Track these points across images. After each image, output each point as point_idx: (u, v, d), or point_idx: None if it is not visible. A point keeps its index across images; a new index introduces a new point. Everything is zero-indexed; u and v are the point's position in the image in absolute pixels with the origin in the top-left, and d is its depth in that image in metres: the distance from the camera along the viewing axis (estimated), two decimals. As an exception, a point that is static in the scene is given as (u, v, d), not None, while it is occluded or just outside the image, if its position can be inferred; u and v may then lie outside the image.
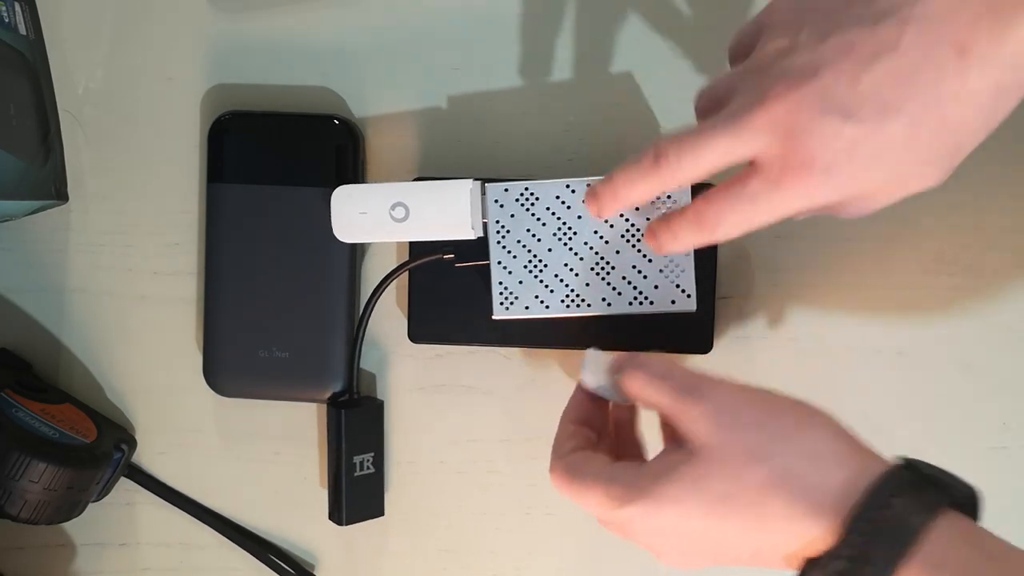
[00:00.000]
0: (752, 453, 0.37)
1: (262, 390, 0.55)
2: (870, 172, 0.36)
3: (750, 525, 0.36)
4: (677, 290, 0.48)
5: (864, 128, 0.35)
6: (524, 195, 0.49)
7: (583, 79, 0.53)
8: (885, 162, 0.36)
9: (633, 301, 0.48)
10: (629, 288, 0.49)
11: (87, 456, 0.52)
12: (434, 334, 0.54)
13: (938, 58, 0.34)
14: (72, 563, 0.58)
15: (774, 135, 0.36)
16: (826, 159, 0.36)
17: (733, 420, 0.38)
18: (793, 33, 0.37)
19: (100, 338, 0.57)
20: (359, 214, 0.50)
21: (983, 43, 0.33)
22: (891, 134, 0.35)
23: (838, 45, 0.35)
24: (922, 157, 0.36)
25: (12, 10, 0.52)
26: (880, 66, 0.34)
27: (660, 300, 0.48)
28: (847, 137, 0.35)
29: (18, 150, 0.52)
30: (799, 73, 0.36)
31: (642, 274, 0.49)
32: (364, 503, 0.55)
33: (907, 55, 0.34)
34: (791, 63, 0.36)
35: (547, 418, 0.55)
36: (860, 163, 0.36)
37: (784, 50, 0.37)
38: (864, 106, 0.35)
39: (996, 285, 0.52)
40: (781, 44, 0.37)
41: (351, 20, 0.54)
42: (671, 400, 0.40)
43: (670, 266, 0.48)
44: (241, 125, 0.54)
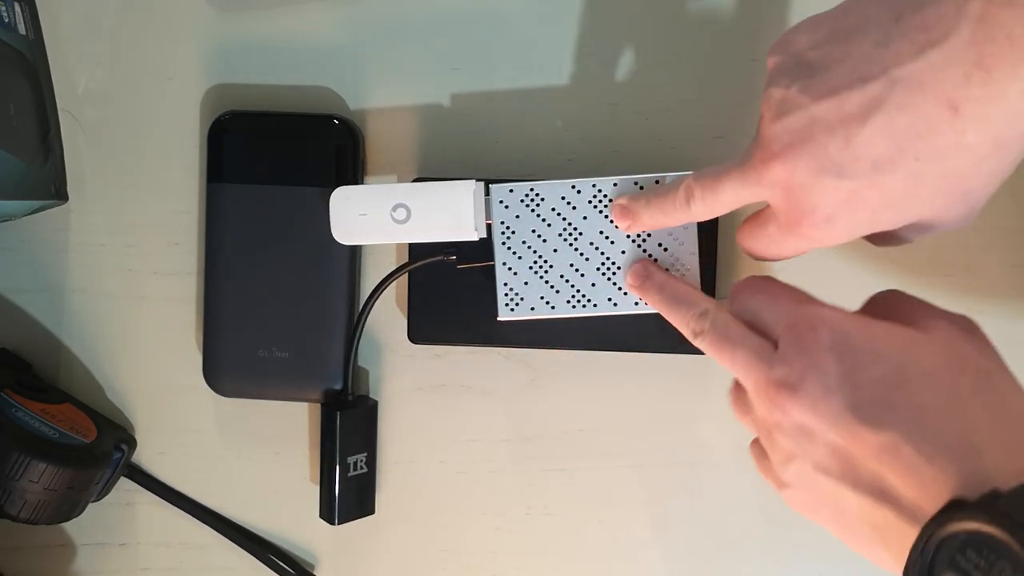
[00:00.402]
0: (980, 372, 0.36)
1: (262, 390, 0.55)
2: (880, 218, 0.38)
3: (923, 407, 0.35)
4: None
5: (861, 182, 0.36)
6: (529, 196, 0.49)
7: (583, 79, 0.53)
8: (895, 210, 0.37)
9: (639, 301, 0.48)
10: None
11: (87, 456, 0.52)
12: (434, 334, 0.54)
13: (930, 116, 0.34)
14: (72, 563, 0.58)
15: (776, 190, 0.39)
16: (827, 211, 0.38)
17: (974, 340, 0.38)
18: (786, 84, 0.38)
19: (100, 338, 0.57)
20: (359, 216, 0.50)
21: (975, 101, 0.33)
22: (891, 187, 0.36)
23: (830, 105, 0.36)
24: (934, 205, 0.37)
25: (12, 10, 0.52)
26: (871, 124, 0.35)
27: None
28: (845, 190, 0.37)
29: (18, 150, 0.52)
30: (797, 131, 0.37)
31: None
32: (356, 502, 0.55)
33: (899, 114, 0.35)
34: (789, 121, 0.37)
35: (547, 418, 0.55)
36: (865, 213, 0.37)
37: (778, 103, 0.38)
38: (858, 163, 0.36)
39: (995, 285, 0.53)
40: (776, 95, 0.38)
41: (351, 20, 0.54)
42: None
43: (675, 266, 0.48)
44: (241, 125, 0.54)
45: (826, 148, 0.36)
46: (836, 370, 0.36)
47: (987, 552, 0.31)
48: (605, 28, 0.53)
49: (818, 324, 0.38)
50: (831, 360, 0.37)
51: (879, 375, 0.36)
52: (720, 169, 0.42)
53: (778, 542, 0.55)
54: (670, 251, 0.48)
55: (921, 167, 0.35)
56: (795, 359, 0.38)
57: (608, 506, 0.56)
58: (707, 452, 0.55)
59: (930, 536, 0.32)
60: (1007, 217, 0.52)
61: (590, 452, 0.55)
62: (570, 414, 0.55)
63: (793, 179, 0.38)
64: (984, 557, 0.31)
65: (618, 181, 0.48)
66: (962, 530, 0.32)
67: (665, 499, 0.55)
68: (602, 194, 0.48)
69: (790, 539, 0.55)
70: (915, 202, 0.37)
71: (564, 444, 0.55)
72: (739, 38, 0.52)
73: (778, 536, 0.55)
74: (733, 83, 0.53)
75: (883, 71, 0.35)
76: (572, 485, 0.56)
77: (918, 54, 0.34)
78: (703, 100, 0.53)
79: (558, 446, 0.55)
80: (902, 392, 0.35)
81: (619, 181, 0.48)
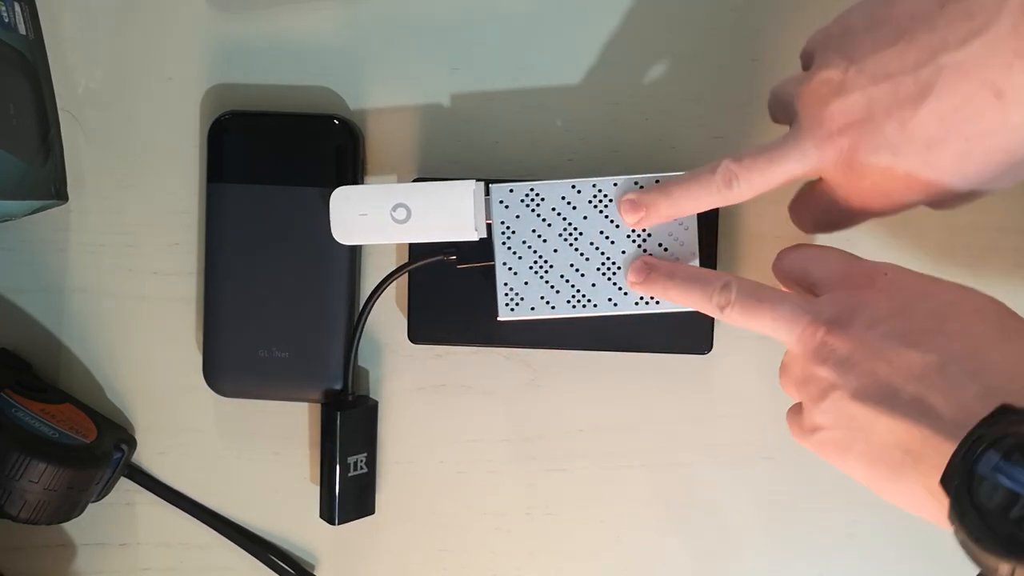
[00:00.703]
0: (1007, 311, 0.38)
1: (262, 390, 0.55)
2: (931, 191, 0.40)
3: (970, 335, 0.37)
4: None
5: (914, 161, 0.38)
6: (529, 196, 0.49)
7: (583, 79, 0.53)
8: (944, 183, 0.39)
9: (639, 301, 0.48)
10: None
11: (87, 456, 0.52)
12: (434, 334, 0.54)
13: (976, 100, 0.36)
14: (72, 563, 0.58)
15: (837, 168, 0.41)
16: (884, 187, 0.40)
17: None
18: (844, 66, 0.39)
19: (100, 338, 0.57)
20: (359, 216, 0.50)
21: (1018, 88, 0.35)
22: (941, 165, 0.38)
23: (887, 89, 0.38)
24: (982, 176, 0.39)
25: (12, 10, 0.52)
26: (924, 108, 0.37)
27: None
28: (901, 169, 0.39)
29: (18, 150, 0.52)
30: (857, 110, 0.39)
31: None
32: (356, 503, 0.55)
33: (948, 99, 0.37)
34: (848, 100, 0.39)
35: (547, 418, 0.55)
36: (918, 187, 0.39)
37: (837, 85, 0.39)
38: (912, 144, 0.38)
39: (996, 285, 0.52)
40: (834, 76, 0.40)
41: (351, 20, 0.54)
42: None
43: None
44: (241, 125, 0.54)
45: (883, 129, 0.38)
46: (887, 305, 0.39)
47: None
48: (605, 28, 0.53)
49: (873, 272, 0.40)
50: (882, 298, 0.39)
51: (931, 308, 0.38)
52: (769, 148, 0.42)
53: (778, 542, 0.55)
54: (670, 251, 0.48)
55: (970, 146, 0.37)
56: (845, 300, 0.40)
57: (608, 506, 0.56)
58: (707, 452, 0.55)
59: (977, 439, 0.33)
60: (1009, 218, 0.52)
61: (590, 452, 0.55)
62: (570, 414, 0.55)
63: (855, 157, 0.40)
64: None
65: (618, 181, 0.48)
66: (1013, 432, 0.32)
67: (665, 499, 0.55)
68: (602, 194, 0.48)
69: (790, 538, 0.55)
70: (966, 176, 0.38)
71: (564, 444, 0.55)
72: (739, 38, 0.52)
73: (778, 536, 0.55)
74: (733, 83, 0.53)
75: (931, 57, 0.37)
76: (572, 485, 0.56)
77: (962, 43, 0.36)
78: (703, 100, 0.53)
79: (558, 446, 0.55)
80: (953, 322, 0.37)
81: (619, 181, 0.48)
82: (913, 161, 0.38)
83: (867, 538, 0.54)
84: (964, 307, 0.38)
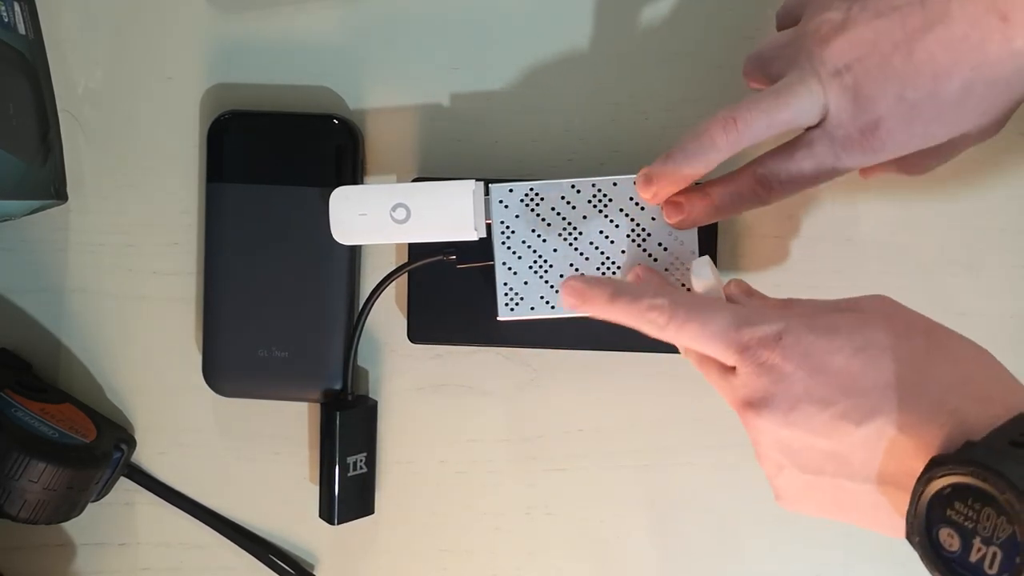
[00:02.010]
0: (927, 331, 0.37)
1: (261, 390, 0.55)
2: (930, 131, 0.40)
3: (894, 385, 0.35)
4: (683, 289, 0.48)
5: (920, 93, 0.38)
6: (529, 196, 0.49)
7: (583, 79, 0.53)
8: (943, 122, 0.39)
9: None
10: None
11: (87, 456, 0.52)
12: (433, 334, 0.54)
13: (984, 26, 0.37)
14: (72, 563, 0.58)
15: (844, 99, 0.40)
16: (889, 124, 0.39)
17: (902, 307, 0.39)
18: (846, 6, 0.40)
19: (100, 338, 0.57)
20: (358, 216, 0.50)
21: (1022, 9, 0.36)
22: (946, 95, 0.38)
23: (894, 19, 0.38)
24: (977, 113, 0.39)
25: (12, 10, 0.52)
26: (931, 37, 0.38)
27: None
28: (908, 101, 0.39)
29: (18, 150, 0.52)
30: (862, 45, 0.39)
31: None
32: (355, 502, 0.55)
33: (955, 25, 0.37)
34: (853, 36, 0.39)
35: (547, 418, 0.55)
36: (920, 124, 0.39)
37: (840, 23, 0.40)
38: (920, 75, 0.38)
39: (996, 285, 0.53)
40: (835, 17, 0.40)
41: (351, 20, 0.54)
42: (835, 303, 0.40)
43: (675, 264, 0.48)
44: (240, 125, 0.54)
45: (891, 60, 0.38)
46: (799, 376, 0.37)
47: (972, 501, 0.32)
48: (605, 28, 0.53)
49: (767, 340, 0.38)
50: (790, 366, 0.37)
51: (840, 366, 0.36)
52: (772, 90, 0.41)
53: (778, 541, 0.55)
54: (670, 250, 0.48)
55: (974, 76, 0.38)
56: (755, 378, 0.38)
57: (608, 506, 0.55)
58: (707, 452, 0.55)
59: (919, 496, 0.33)
60: (1009, 218, 0.52)
61: (590, 452, 0.55)
62: (570, 414, 0.55)
63: (862, 91, 0.39)
64: (970, 506, 0.32)
65: (618, 181, 0.48)
66: (945, 484, 0.32)
67: (665, 499, 0.55)
68: (602, 194, 0.48)
69: (790, 538, 0.55)
70: (962, 113, 0.39)
71: (564, 444, 0.55)
72: (739, 38, 0.52)
73: (778, 535, 0.55)
74: (733, 83, 0.53)
75: None
76: (572, 485, 0.56)
77: None
78: (703, 100, 0.53)
79: (558, 446, 0.55)
80: (868, 377, 0.36)
81: (619, 181, 0.48)
82: (920, 92, 0.38)
83: (866, 538, 0.54)
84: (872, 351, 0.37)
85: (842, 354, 0.37)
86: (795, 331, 0.38)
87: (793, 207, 0.53)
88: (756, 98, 0.41)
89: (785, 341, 0.37)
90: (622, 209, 0.48)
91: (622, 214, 0.48)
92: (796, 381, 0.37)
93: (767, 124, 0.41)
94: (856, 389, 0.36)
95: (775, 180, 0.43)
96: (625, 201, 0.48)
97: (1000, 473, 0.31)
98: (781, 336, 0.38)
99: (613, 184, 0.48)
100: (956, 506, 0.32)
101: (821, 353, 0.37)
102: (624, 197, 0.48)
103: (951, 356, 0.37)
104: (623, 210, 0.48)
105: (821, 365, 0.37)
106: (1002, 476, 0.31)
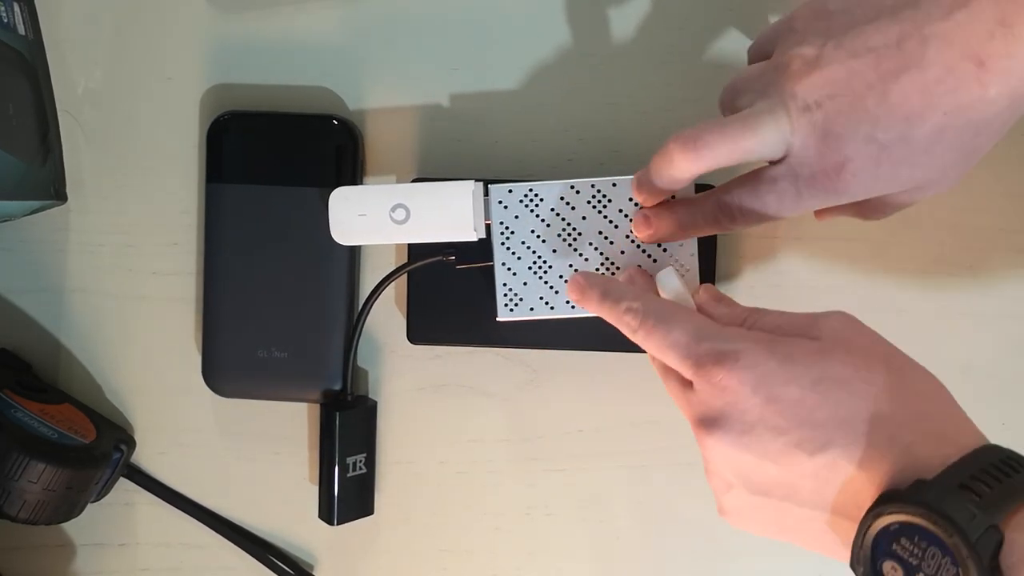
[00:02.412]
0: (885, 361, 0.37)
1: (261, 390, 0.55)
2: (897, 174, 0.39)
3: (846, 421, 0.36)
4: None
5: (891, 135, 0.38)
6: (528, 196, 0.49)
7: (583, 79, 0.53)
8: (911, 164, 0.38)
9: None
10: None
11: (86, 456, 0.52)
12: (433, 335, 0.54)
13: (959, 71, 0.36)
14: (71, 563, 0.58)
15: (812, 136, 0.39)
16: (855, 165, 0.39)
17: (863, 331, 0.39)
18: (820, 43, 0.39)
19: (100, 338, 0.57)
20: (358, 216, 0.50)
21: (999, 56, 0.36)
22: (917, 139, 0.38)
23: (868, 60, 0.38)
24: (945, 159, 0.38)
25: (11, 10, 0.52)
26: (906, 79, 0.37)
27: None
28: (878, 143, 0.38)
29: (18, 150, 0.52)
30: (835, 83, 0.38)
31: None
32: (355, 503, 0.55)
33: (930, 69, 0.36)
34: (827, 73, 0.38)
35: (547, 418, 0.55)
36: (888, 167, 0.38)
37: (813, 59, 0.39)
38: (892, 117, 0.37)
39: (996, 285, 0.53)
40: (808, 52, 0.39)
41: (351, 20, 0.54)
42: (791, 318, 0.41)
43: (675, 265, 0.48)
44: (240, 125, 0.54)
45: (864, 101, 0.38)
46: (754, 401, 0.37)
47: (918, 539, 0.33)
48: (605, 28, 0.53)
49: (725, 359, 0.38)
50: (746, 391, 0.37)
51: (796, 397, 0.37)
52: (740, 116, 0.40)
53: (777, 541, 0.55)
54: (669, 251, 0.48)
55: (947, 121, 0.37)
56: (711, 397, 0.39)
57: (608, 506, 0.55)
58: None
59: (867, 529, 0.34)
60: (1009, 219, 0.52)
61: (590, 452, 0.55)
62: (570, 414, 0.55)
63: (832, 127, 0.38)
64: (916, 544, 0.33)
65: (617, 181, 0.48)
66: (893, 521, 0.33)
67: (665, 499, 0.55)
68: (601, 194, 0.48)
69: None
70: (930, 159, 0.38)
71: (564, 444, 0.55)
72: (739, 38, 0.52)
73: (778, 537, 0.55)
74: (733, 83, 0.53)
75: (916, 30, 0.37)
76: (572, 485, 0.55)
77: (947, 14, 0.36)
78: (703, 100, 0.53)
79: (558, 446, 0.55)
80: (823, 409, 0.36)
81: (618, 181, 0.48)
82: (890, 134, 0.38)
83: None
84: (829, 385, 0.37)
85: (798, 385, 0.37)
86: (753, 354, 0.38)
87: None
88: (723, 122, 0.41)
89: (743, 363, 0.38)
90: (621, 210, 0.48)
91: (621, 215, 0.48)
92: (751, 406, 0.37)
93: (729, 150, 0.40)
94: (811, 421, 0.36)
95: (736, 210, 0.42)
96: (624, 202, 0.48)
97: (950, 517, 0.31)
98: (739, 358, 0.38)
99: (612, 185, 0.48)
100: (902, 542, 0.33)
101: (778, 382, 0.37)
102: (623, 198, 0.48)
103: (907, 391, 0.37)
104: (622, 211, 0.48)
105: (777, 394, 0.37)
106: (951, 521, 0.31)
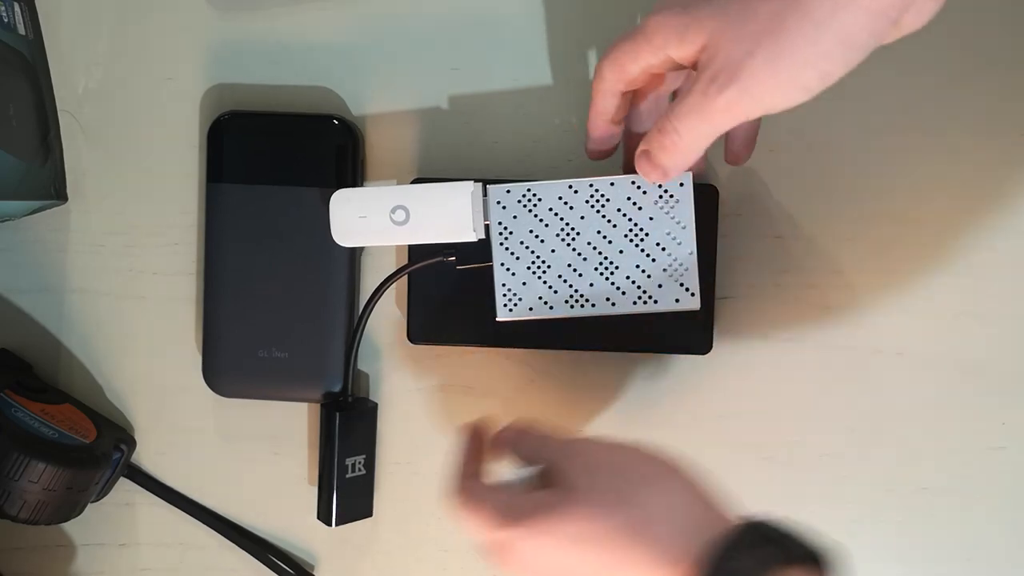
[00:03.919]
0: (618, 498, 0.41)
1: (261, 390, 0.55)
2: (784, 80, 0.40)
3: (610, 564, 0.40)
4: (681, 288, 0.48)
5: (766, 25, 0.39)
6: (526, 196, 0.49)
7: (583, 79, 0.53)
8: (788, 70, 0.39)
9: (637, 301, 0.48)
10: (633, 287, 0.49)
11: (86, 456, 0.52)
12: (433, 335, 0.54)
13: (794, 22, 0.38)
14: (72, 563, 0.58)
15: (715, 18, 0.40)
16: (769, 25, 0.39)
17: (596, 471, 0.43)
18: None
19: (100, 338, 0.57)
20: (358, 218, 0.50)
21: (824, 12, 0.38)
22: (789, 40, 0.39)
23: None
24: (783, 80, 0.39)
25: (11, 10, 0.52)
26: None
27: (664, 299, 0.48)
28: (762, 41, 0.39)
29: (18, 150, 0.52)
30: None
31: (646, 273, 0.48)
32: (354, 504, 0.55)
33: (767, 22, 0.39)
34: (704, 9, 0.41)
35: (547, 418, 0.55)
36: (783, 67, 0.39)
37: None
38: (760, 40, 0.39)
39: (996, 285, 0.52)
40: None
41: (351, 20, 0.54)
42: (552, 456, 0.44)
43: (674, 264, 0.48)
44: (241, 125, 0.54)
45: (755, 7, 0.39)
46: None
47: None
48: (604, 28, 0.53)
49: (499, 549, 0.42)
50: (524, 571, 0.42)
51: (561, 562, 0.41)
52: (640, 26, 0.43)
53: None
54: (668, 251, 0.48)
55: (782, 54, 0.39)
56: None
57: (608, 507, 0.55)
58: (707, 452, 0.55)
59: None
60: (1006, 218, 0.52)
61: (590, 453, 0.55)
62: (570, 414, 0.55)
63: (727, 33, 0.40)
64: None
65: (615, 181, 0.48)
66: None
67: (665, 500, 0.55)
68: (599, 194, 0.48)
69: (790, 540, 0.55)
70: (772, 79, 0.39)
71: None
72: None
73: (778, 537, 0.55)
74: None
75: None
76: (572, 486, 0.55)
77: None
78: (703, 100, 0.53)
79: (558, 446, 0.55)
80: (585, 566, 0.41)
81: (616, 181, 0.48)
82: (765, 25, 0.38)
83: (867, 538, 0.54)
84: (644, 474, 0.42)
85: (559, 552, 0.41)
86: (520, 540, 0.41)
87: (793, 205, 0.53)
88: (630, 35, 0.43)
89: (517, 548, 0.41)
90: (619, 209, 0.48)
91: (620, 214, 0.48)
92: None
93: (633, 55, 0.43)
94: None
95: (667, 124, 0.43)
96: (623, 201, 0.48)
97: None
98: (511, 546, 0.42)
99: (611, 184, 0.48)
100: None
101: (541, 559, 0.41)
102: (622, 197, 0.48)
103: (647, 515, 0.41)
104: (620, 210, 0.48)
105: (546, 567, 0.41)
106: None
